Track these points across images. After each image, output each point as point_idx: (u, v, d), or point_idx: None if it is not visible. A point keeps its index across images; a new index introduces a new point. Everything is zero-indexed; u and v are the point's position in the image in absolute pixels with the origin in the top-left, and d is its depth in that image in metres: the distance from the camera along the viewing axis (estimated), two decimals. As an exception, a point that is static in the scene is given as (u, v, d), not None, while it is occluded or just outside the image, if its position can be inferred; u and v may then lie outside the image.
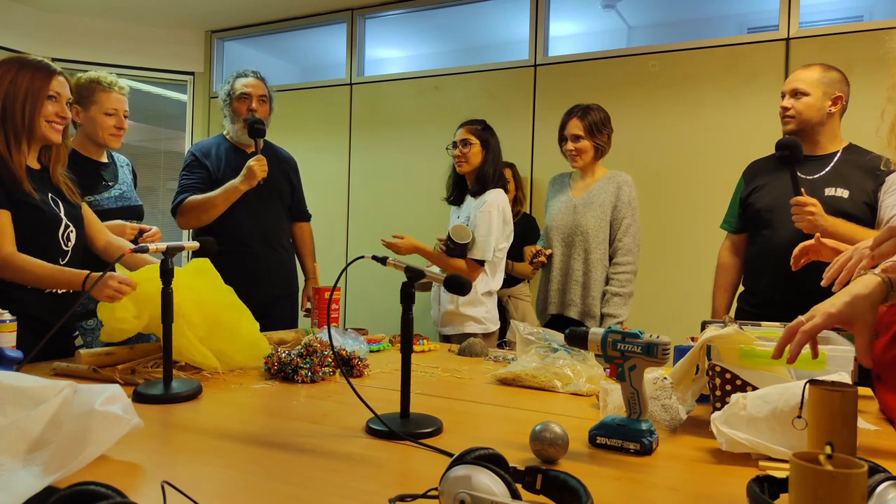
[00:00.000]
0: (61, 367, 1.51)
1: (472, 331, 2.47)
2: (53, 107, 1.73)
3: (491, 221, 2.44)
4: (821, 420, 0.90)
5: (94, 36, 4.55)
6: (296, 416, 1.24)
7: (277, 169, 2.64)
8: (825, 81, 2.13)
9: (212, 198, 2.47)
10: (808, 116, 2.14)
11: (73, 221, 1.82)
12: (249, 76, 2.63)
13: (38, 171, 1.78)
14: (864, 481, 0.60)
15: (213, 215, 2.49)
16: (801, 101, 2.14)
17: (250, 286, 2.53)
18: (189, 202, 2.50)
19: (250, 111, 2.56)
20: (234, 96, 2.60)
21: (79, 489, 0.65)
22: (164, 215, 4.96)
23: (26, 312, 1.64)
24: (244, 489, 0.86)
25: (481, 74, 3.88)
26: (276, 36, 4.67)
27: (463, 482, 0.71)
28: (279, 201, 2.68)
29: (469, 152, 2.51)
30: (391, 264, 1.20)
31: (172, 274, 1.38)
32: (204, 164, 2.59)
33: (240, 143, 2.64)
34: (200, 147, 2.66)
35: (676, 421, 1.19)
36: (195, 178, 2.57)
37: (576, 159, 2.55)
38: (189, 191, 2.53)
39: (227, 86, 2.65)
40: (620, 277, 2.50)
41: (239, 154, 2.61)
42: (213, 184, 2.52)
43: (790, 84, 2.18)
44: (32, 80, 1.70)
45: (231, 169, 2.52)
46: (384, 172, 4.16)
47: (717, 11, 3.94)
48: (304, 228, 2.84)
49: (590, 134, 2.52)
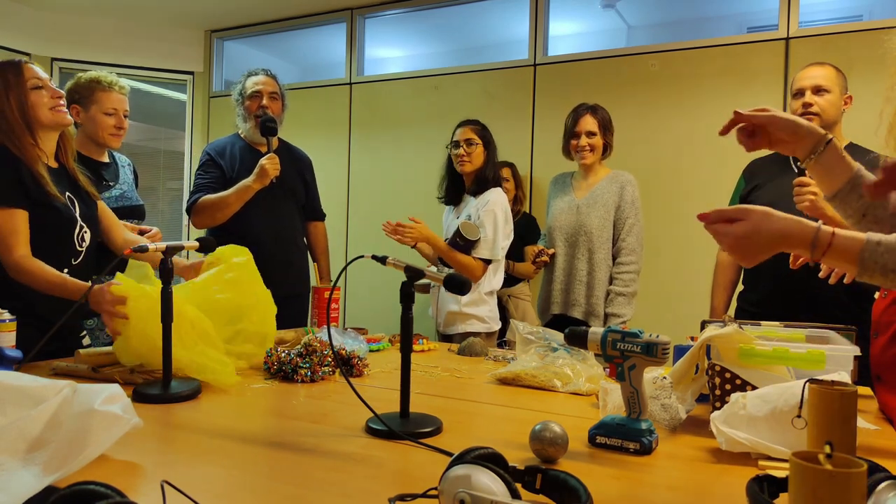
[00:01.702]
0: (60, 366, 1.51)
1: (476, 330, 2.46)
2: (44, 94, 1.73)
3: (496, 221, 2.45)
4: (820, 419, 0.90)
5: (94, 35, 4.55)
6: (295, 415, 1.24)
7: (292, 168, 2.64)
8: (841, 81, 2.13)
9: (225, 197, 2.48)
10: (831, 114, 2.11)
11: (88, 221, 1.82)
12: (260, 74, 2.64)
13: (56, 170, 1.78)
14: (864, 481, 0.60)
15: (226, 214, 2.50)
16: (824, 97, 2.10)
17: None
18: (203, 201, 2.52)
19: (261, 108, 2.56)
20: (245, 95, 2.61)
21: (78, 489, 0.65)
22: (164, 215, 4.97)
23: (32, 312, 1.64)
24: (244, 489, 0.86)
25: (481, 74, 3.88)
26: (275, 35, 4.67)
27: (463, 482, 0.71)
28: (293, 200, 2.68)
29: (473, 152, 2.50)
30: (391, 264, 1.20)
31: (172, 274, 1.38)
32: (218, 164, 2.59)
33: (253, 141, 2.65)
34: (215, 146, 2.67)
35: (676, 420, 1.19)
36: (209, 177, 2.58)
37: (588, 155, 2.55)
38: (203, 190, 2.55)
39: (238, 85, 2.66)
40: (624, 277, 2.50)
41: (253, 153, 2.62)
42: (227, 183, 2.53)
43: (811, 80, 2.13)
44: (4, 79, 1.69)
45: (245, 168, 2.53)
46: (384, 172, 4.16)
47: (717, 11, 3.94)
48: (318, 227, 2.85)
49: (602, 130, 2.55)
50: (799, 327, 1.45)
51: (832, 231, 0.98)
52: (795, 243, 1.01)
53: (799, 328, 1.44)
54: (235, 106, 2.66)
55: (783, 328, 1.47)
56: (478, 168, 2.53)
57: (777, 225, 1.01)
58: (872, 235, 0.98)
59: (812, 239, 0.98)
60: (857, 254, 0.97)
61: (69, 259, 1.76)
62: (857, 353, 1.22)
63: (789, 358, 1.18)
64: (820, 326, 1.45)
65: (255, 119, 2.57)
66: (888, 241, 0.96)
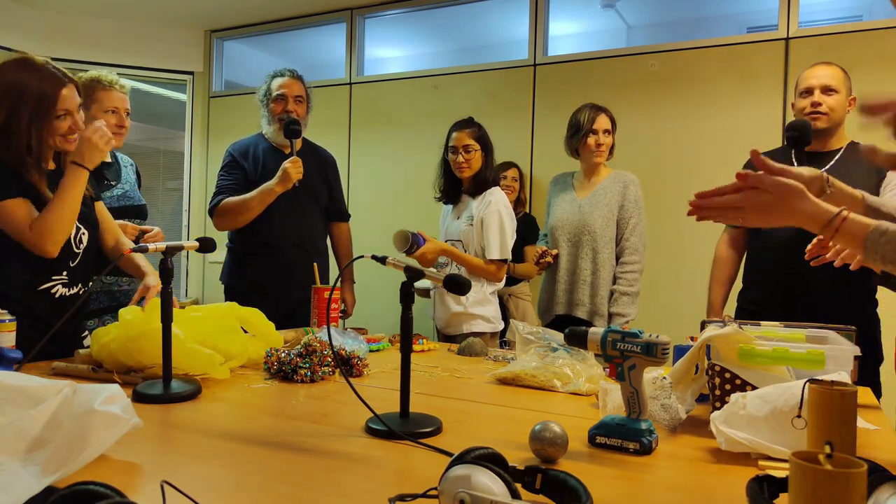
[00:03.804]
0: (60, 366, 1.51)
1: (482, 330, 2.45)
2: (65, 122, 1.67)
3: (502, 221, 2.43)
4: (820, 419, 0.90)
5: (94, 35, 4.55)
6: (295, 415, 1.24)
7: (315, 169, 2.62)
8: (847, 82, 2.13)
9: (247, 200, 2.45)
10: (838, 114, 2.11)
11: (86, 223, 1.81)
12: (286, 76, 2.61)
13: (53, 172, 1.77)
14: (864, 481, 0.60)
15: (248, 217, 2.48)
16: (832, 97, 2.10)
17: (279, 288, 2.54)
18: (225, 204, 2.49)
19: (286, 112, 2.54)
20: (270, 97, 2.58)
21: (78, 489, 0.64)
22: (164, 215, 4.97)
23: (31, 314, 1.63)
24: (243, 489, 0.86)
25: (481, 74, 3.88)
26: (275, 35, 4.67)
27: (462, 482, 0.71)
28: (315, 202, 2.66)
29: (472, 158, 2.48)
30: (391, 264, 1.20)
31: (172, 273, 1.38)
32: (241, 165, 2.57)
33: (277, 143, 2.62)
34: (238, 147, 2.64)
35: (676, 420, 1.19)
36: (232, 179, 2.55)
37: (602, 154, 2.56)
38: (226, 192, 2.52)
39: (263, 86, 2.63)
40: (628, 276, 2.51)
41: (277, 155, 2.59)
42: (250, 184, 2.50)
43: (819, 80, 2.12)
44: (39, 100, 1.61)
45: (268, 170, 2.50)
46: (383, 172, 4.16)
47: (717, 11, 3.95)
48: (341, 229, 2.82)
49: (613, 130, 2.58)
50: (799, 327, 1.45)
51: (845, 215, 1.02)
52: (813, 223, 1.05)
53: (799, 328, 1.44)
54: (260, 107, 2.62)
55: (783, 328, 1.47)
56: (476, 171, 2.52)
57: (807, 205, 1.05)
58: (882, 225, 0.99)
59: (827, 220, 1.03)
60: (862, 240, 1.00)
61: (66, 261, 1.74)
62: (857, 353, 1.22)
63: (789, 358, 1.18)
64: (820, 326, 1.45)
65: (279, 122, 2.54)
66: (893, 233, 0.97)
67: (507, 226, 2.45)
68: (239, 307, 1.72)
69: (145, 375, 1.46)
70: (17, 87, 1.61)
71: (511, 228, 2.48)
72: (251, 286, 2.54)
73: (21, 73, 1.62)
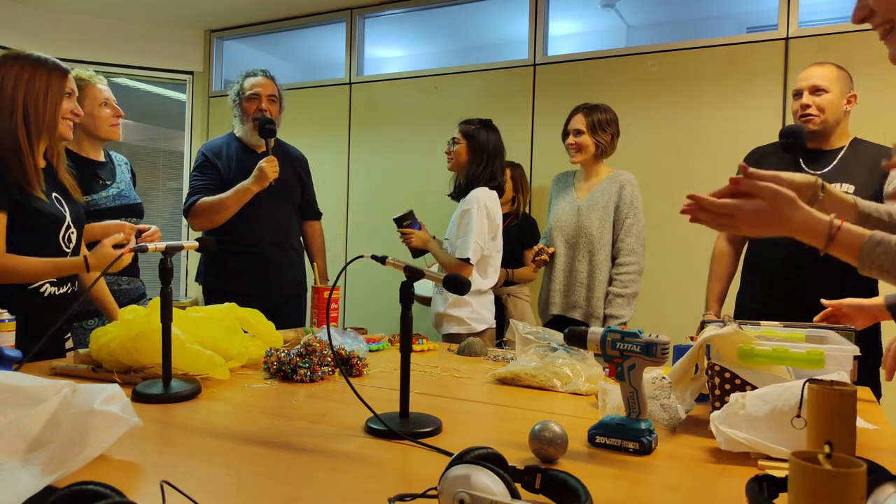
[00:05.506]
0: (60, 366, 1.51)
1: (456, 331, 2.44)
2: (69, 104, 1.76)
3: (470, 220, 2.40)
4: (820, 419, 0.90)
5: (94, 35, 4.54)
6: (295, 415, 1.24)
7: (288, 168, 2.63)
8: (842, 80, 2.11)
9: (224, 199, 2.46)
10: (830, 114, 2.09)
11: (75, 222, 1.82)
12: (258, 75, 2.61)
13: (44, 170, 1.78)
14: (863, 481, 0.60)
15: (225, 217, 2.49)
16: (822, 97, 2.09)
17: (261, 287, 2.55)
18: (201, 204, 2.50)
19: (260, 111, 2.55)
20: (243, 96, 2.58)
21: (78, 489, 0.64)
22: (163, 214, 4.96)
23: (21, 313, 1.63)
24: (243, 489, 0.86)
25: (480, 74, 3.88)
26: (275, 35, 4.67)
27: (462, 482, 0.71)
28: (289, 201, 2.67)
29: (455, 150, 2.49)
30: (390, 264, 1.20)
31: (171, 273, 1.38)
32: (215, 165, 2.58)
33: (250, 143, 2.63)
34: (211, 147, 2.64)
35: (675, 420, 1.19)
36: (206, 179, 2.56)
37: (575, 154, 2.55)
38: (201, 192, 2.53)
39: (235, 86, 2.63)
40: (623, 278, 2.49)
41: (250, 154, 2.60)
42: (223, 184, 2.51)
43: (808, 81, 2.12)
44: (50, 80, 1.73)
45: (242, 169, 2.51)
46: (383, 172, 4.15)
47: (717, 11, 3.94)
48: (314, 227, 2.83)
49: (591, 130, 2.53)
50: (799, 327, 1.45)
51: (839, 225, 1.00)
52: (805, 233, 1.04)
53: (799, 328, 1.44)
54: (232, 106, 2.63)
55: (783, 328, 1.47)
56: (463, 167, 2.52)
57: (799, 214, 1.04)
58: (876, 234, 0.99)
59: (822, 231, 1.02)
60: (857, 250, 1.00)
61: None
62: (856, 353, 1.22)
63: (789, 358, 1.18)
64: (820, 326, 1.45)
65: (252, 121, 2.55)
66: (887, 243, 0.97)
67: (474, 225, 2.39)
68: (239, 308, 1.72)
69: (145, 375, 1.45)
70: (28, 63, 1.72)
71: (482, 227, 2.41)
72: (230, 285, 2.53)
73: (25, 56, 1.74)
